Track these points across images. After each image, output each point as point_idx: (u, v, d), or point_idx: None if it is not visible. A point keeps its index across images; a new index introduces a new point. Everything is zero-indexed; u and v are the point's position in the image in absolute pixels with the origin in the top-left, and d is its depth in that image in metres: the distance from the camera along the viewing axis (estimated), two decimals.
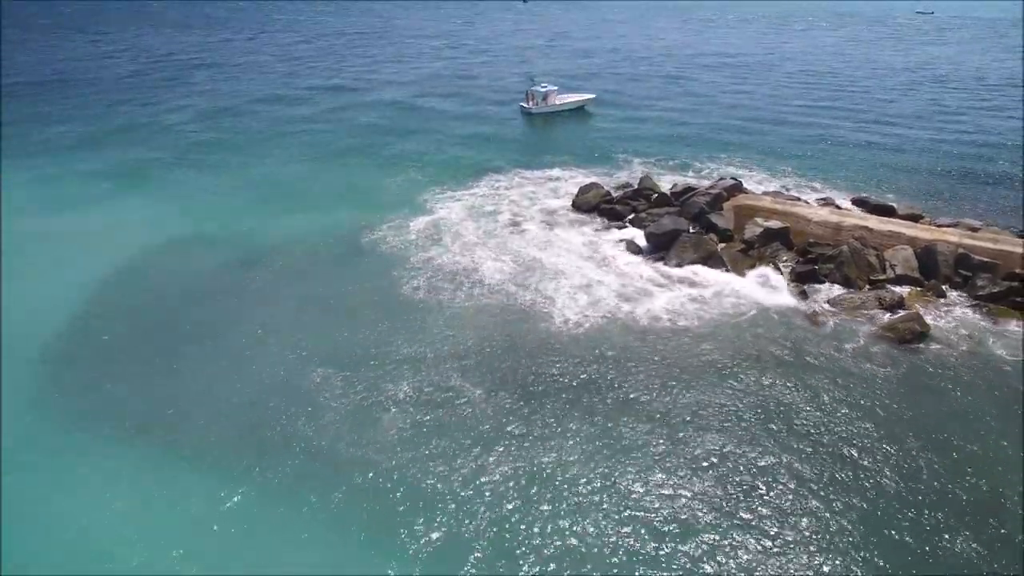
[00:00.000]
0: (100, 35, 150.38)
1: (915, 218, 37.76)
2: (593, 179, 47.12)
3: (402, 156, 56.03)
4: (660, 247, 34.62)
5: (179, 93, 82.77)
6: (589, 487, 20.65)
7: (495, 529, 19.30)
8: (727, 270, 32.60)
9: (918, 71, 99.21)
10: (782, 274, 32.90)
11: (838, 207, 39.46)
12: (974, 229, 35.31)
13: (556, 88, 71.58)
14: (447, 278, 33.67)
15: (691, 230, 35.74)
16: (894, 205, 40.01)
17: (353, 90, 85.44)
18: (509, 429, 23.16)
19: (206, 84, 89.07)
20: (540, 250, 36.38)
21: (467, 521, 19.54)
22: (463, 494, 20.46)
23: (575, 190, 43.97)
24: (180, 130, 64.63)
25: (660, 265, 33.80)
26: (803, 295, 31.49)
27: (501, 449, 22.26)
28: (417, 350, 27.73)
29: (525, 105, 70.55)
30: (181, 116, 70.33)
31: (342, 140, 61.40)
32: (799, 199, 41.24)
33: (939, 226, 35.99)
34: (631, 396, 24.74)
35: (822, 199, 42.15)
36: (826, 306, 30.78)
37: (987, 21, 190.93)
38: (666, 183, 44.14)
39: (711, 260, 33.31)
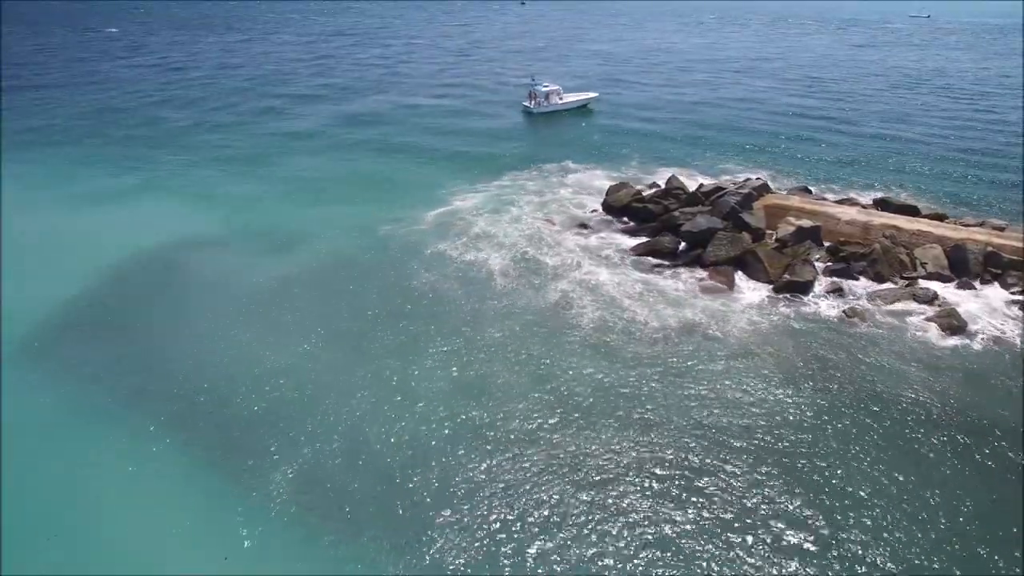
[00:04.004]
0: (99, 34, 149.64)
1: (940, 218, 38.63)
2: (600, 175, 48.20)
3: (411, 154, 56.52)
4: (695, 245, 35.26)
5: (190, 93, 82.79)
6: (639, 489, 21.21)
7: (521, 528, 19.67)
8: (765, 271, 33.20)
9: (920, 75, 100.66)
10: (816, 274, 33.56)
11: (864, 207, 40.25)
12: (1000, 228, 36.21)
13: (558, 87, 71.68)
14: (469, 274, 34.10)
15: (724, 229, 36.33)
16: (917, 205, 40.81)
17: (354, 91, 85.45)
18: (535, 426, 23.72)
19: (217, 84, 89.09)
20: (571, 250, 36.90)
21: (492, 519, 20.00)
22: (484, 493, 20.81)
23: (592, 188, 44.79)
24: (193, 129, 64.80)
25: (695, 270, 34.35)
26: (839, 292, 32.24)
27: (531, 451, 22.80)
28: (445, 344, 28.05)
29: (527, 104, 70.71)
30: (192, 114, 70.47)
31: (350, 139, 61.82)
32: (824, 199, 42.05)
33: (965, 225, 36.85)
34: (672, 400, 25.30)
35: (843, 199, 42.90)
36: (863, 302, 31.53)
37: (983, 25, 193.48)
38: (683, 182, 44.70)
39: (746, 257, 33.96)
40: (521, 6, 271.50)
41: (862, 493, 20.54)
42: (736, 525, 19.36)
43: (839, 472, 21.35)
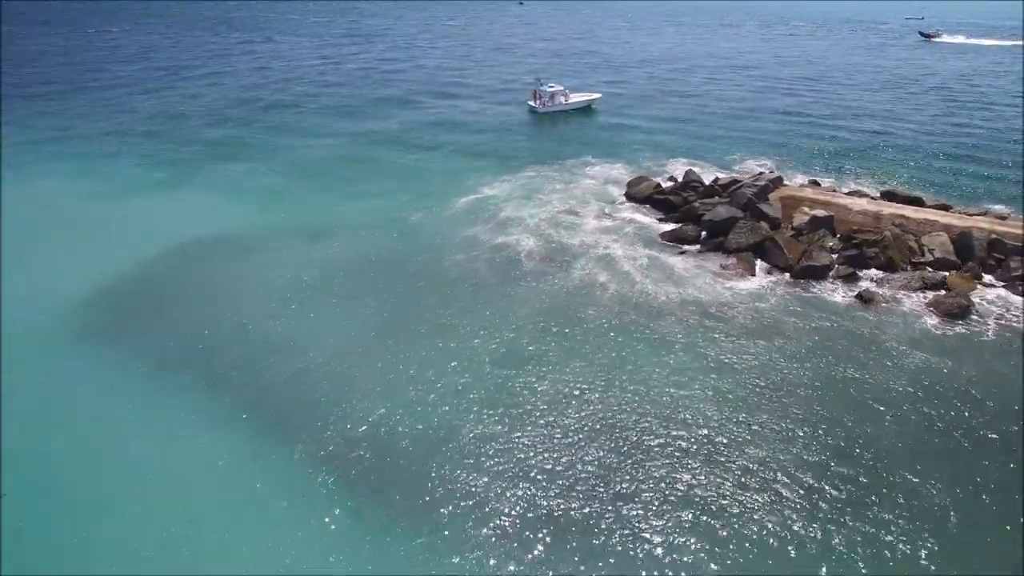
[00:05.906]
0: (107, 34, 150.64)
1: (945, 208, 40.74)
2: (618, 168, 50.25)
3: (429, 151, 58.26)
4: (717, 233, 37.25)
5: (202, 97, 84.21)
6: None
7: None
8: (784, 256, 35.18)
9: (918, 74, 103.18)
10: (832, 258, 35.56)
11: (872, 199, 42.31)
12: (1002, 217, 38.36)
13: (563, 88, 73.44)
14: (501, 256, 36.07)
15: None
16: (922, 197, 42.88)
17: (362, 93, 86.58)
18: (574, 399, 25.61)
19: (227, 86, 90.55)
20: (597, 235, 38.86)
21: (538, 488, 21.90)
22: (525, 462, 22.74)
23: (613, 179, 47.16)
24: (211, 129, 66.30)
25: (717, 255, 36.34)
26: (852, 277, 34.26)
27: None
28: (479, 322, 29.84)
29: (532, 104, 72.36)
30: (210, 115, 71.94)
31: (367, 138, 63.36)
32: (834, 191, 44.12)
33: (969, 215, 38.99)
34: (690, 377, 27.13)
35: (852, 192, 44.93)
36: (875, 287, 33.57)
37: (981, 27, 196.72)
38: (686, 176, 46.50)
39: (766, 244, 35.96)
40: (519, 6, 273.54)
41: (870, 474, 22.36)
42: (755, 501, 21.34)
43: (852, 448, 23.35)
